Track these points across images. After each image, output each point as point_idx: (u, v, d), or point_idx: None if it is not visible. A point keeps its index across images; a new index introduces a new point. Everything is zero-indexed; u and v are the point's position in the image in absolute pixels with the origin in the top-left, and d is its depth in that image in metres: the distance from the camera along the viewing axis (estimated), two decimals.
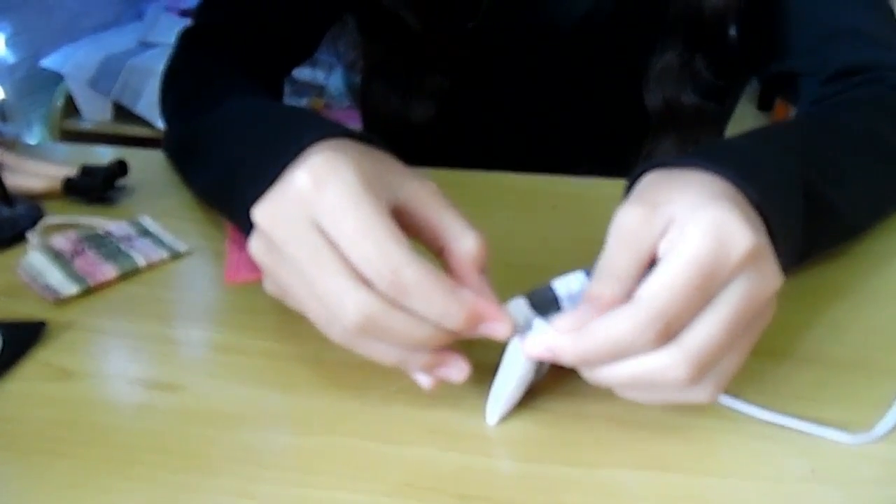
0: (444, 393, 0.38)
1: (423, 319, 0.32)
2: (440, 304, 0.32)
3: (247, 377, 0.40)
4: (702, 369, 0.31)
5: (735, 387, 0.38)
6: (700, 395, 0.33)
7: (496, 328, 0.34)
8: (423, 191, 0.36)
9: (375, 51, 0.73)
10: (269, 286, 0.37)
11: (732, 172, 0.35)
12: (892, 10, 0.62)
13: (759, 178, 0.36)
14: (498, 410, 0.36)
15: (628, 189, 0.39)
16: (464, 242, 0.35)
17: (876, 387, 0.39)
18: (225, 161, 0.47)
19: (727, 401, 0.37)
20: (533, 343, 0.33)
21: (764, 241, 0.33)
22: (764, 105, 2.35)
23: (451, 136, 0.69)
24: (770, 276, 0.33)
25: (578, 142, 0.73)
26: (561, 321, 0.33)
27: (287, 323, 0.43)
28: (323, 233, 0.32)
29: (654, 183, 0.37)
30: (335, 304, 0.32)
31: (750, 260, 0.32)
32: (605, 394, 0.38)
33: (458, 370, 0.35)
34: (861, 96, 0.56)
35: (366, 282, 0.32)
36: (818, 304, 0.46)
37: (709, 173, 0.36)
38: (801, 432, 0.36)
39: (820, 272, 0.48)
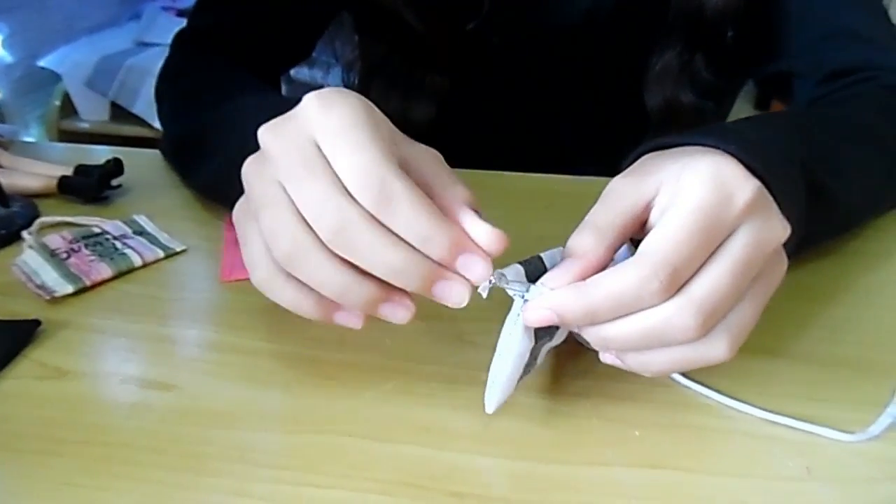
0: (439, 391, 0.38)
1: (399, 241, 0.31)
2: (425, 223, 0.31)
3: (242, 376, 0.40)
4: (709, 318, 0.31)
5: (732, 385, 0.39)
6: (714, 350, 0.32)
7: (474, 265, 0.32)
8: (426, 153, 0.35)
9: (375, 50, 0.73)
10: (238, 210, 0.37)
11: (735, 148, 0.35)
12: (886, 11, 0.63)
13: (761, 155, 0.35)
14: (496, 397, 0.35)
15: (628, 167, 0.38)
16: (456, 189, 0.34)
17: (873, 385, 0.39)
18: (230, 150, 0.47)
19: (723, 399, 0.37)
20: (534, 308, 0.32)
21: (765, 191, 0.33)
22: (761, 105, 2.36)
23: (451, 136, 0.69)
24: (775, 224, 0.33)
25: (577, 141, 0.73)
26: (547, 278, 0.32)
27: (282, 322, 0.43)
28: (320, 150, 0.32)
29: (649, 158, 0.37)
30: (314, 208, 0.31)
31: (753, 207, 0.32)
32: (599, 392, 0.38)
33: (403, 308, 0.33)
34: (855, 93, 0.57)
35: (351, 195, 0.31)
36: (815, 304, 0.46)
37: (709, 149, 0.35)
38: (797, 430, 0.36)
39: (817, 271, 0.48)
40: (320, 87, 0.36)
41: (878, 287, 0.48)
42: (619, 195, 0.34)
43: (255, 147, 0.43)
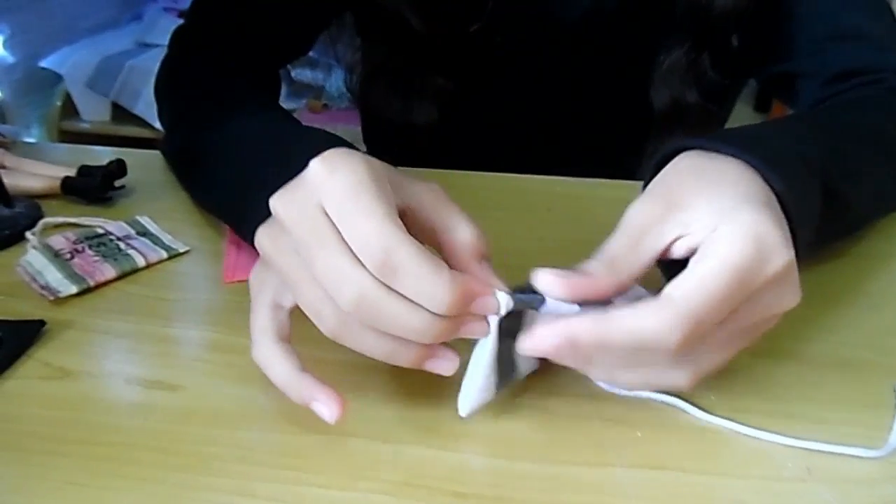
0: (441, 392, 0.38)
1: (416, 306, 0.32)
2: (429, 283, 0.31)
3: (245, 376, 0.40)
4: (701, 372, 0.32)
5: (736, 388, 0.39)
6: (678, 379, 0.33)
7: (484, 306, 0.33)
8: (428, 193, 0.36)
9: (376, 52, 0.72)
10: (254, 278, 0.38)
11: (758, 160, 0.35)
12: (892, 13, 0.63)
13: (782, 168, 0.35)
14: (469, 401, 0.36)
15: (653, 173, 0.38)
16: (460, 232, 0.35)
17: (876, 387, 0.39)
18: (235, 178, 0.47)
19: (751, 431, 0.36)
20: (548, 335, 0.32)
21: (794, 259, 0.33)
22: (761, 106, 2.36)
23: (453, 138, 0.69)
24: (791, 294, 0.33)
25: (580, 142, 0.73)
26: (546, 278, 0.33)
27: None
28: (328, 216, 0.32)
29: (676, 175, 0.36)
30: (332, 282, 0.32)
31: (781, 277, 0.32)
32: (601, 394, 0.38)
33: (448, 362, 0.35)
34: (862, 96, 0.57)
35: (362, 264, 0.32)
36: (819, 306, 0.46)
37: (732, 160, 0.35)
38: (799, 430, 0.36)
39: (821, 274, 0.48)
40: (321, 88, 0.36)
41: (882, 289, 0.49)
42: (642, 229, 0.34)
43: (253, 176, 0.43)
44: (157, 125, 0.66)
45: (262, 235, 0.36)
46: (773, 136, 0.42)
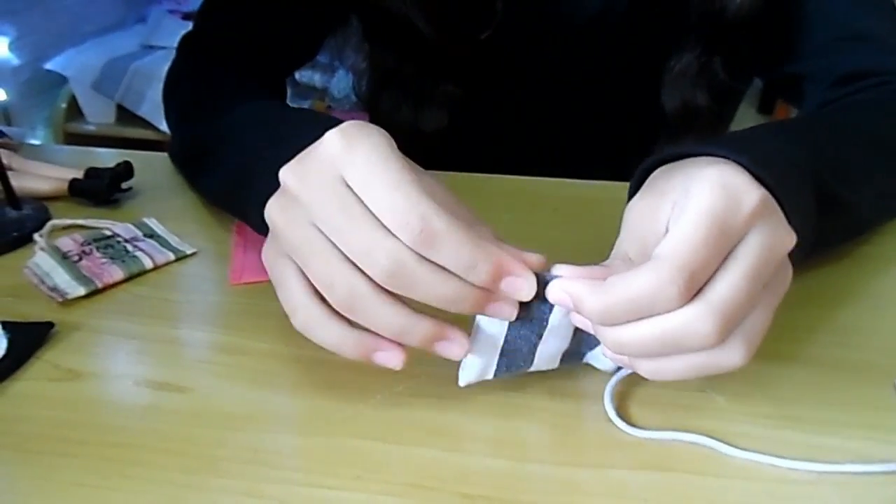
0: (448, 394, 0.38)
1: (449, 275, 0.32)
2: (468, 254, 0.32)
3: (253, 378, 0.40)
4: (728, 324, 0.31)
5: (744, 391, 0.39)
6: (731, 357, 0.32)
7: (519, 284, 0.33)
8: (439, 184, 0.36)
9: (385, 59, 0.72)
10: (268, 254, 0.37)
11: (745, 159, 0.35)
12: None
13: (771, 167, 0.35)
14: (469, 373, 0.36)
15: (638, 182, 0.39)
16: (481, 224, 0.36)
17: (881, 389, 0.39)
18: (239, 161, 0.47)
19: (784, 462, 0.35)
20: (554, 287, 0.33)
21: (772, 200, 0.33)
22: (764, 108, 2.36)
23: (462, 143, 0.69)
24: (783, 232, 0.33)
25: (589, 145, 0.73)
26: (567, 268, 0.33)
27: (292, 325, 0.43)
28: (351, 189, 0.32)
29: (662, 174, 0.37)
30: (364, 252, 0.32)
31: (761, 212, 0.32)
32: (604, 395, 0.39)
33: (458, 345, 0.35)
34: (867, 99, 0.57)
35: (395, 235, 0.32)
36: (823, 309, 0.46)
37: (720, 160, 0.35)
38: (807, 433, 0.36)
39: (824, 276, 0.48)
40: (324, 90, 0.36)
41: (886, 291, 0.49)
42: (639, 222, 0.35)
43: (254, 159, 0.43)
44: (163, 127, 0.66)
45: (272, 207, 0.35)
46: (760, 140, 0.42)
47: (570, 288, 0.33)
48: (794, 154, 0.41)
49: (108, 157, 0.68)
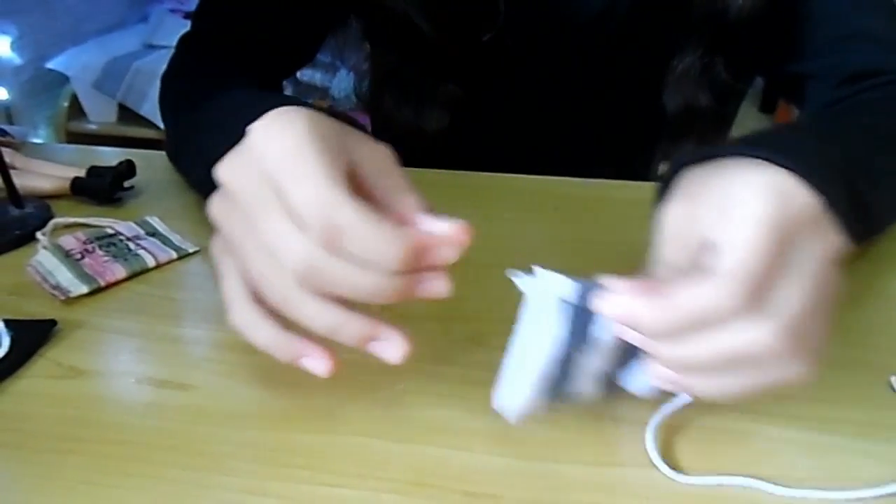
0: (452, 392, 0.38)
1: (364, 267, 0.31)
2: (375, 241, 0.30)
3: (255, 376, 0.40)
4: (797, 338, 0.29)
5: None
6: (798, 369, 0.30)
7: (443, 252, 0.32)
8: (378, 153, 0.35)
9: (387, 59, 0.72)
10: (215, 247, 0.37)
11: (791, 161, 0.33)
12: None
13: (817, 169, 0.34)
14: (519, 399, 0.33)
15: (666, 183, 0.37)
16: (408, 197, 0.34)
17: (879, 387, 0.39)
18: (210, 149, 0.47)
19: (824, 494, 0.34)
20: (610, 301, 0.31)
21: (821, 205, 0.32)
22: (766, 107, 2.35)
23: (464, 143, 0.69)
24: (833, 235, 0.32)
25: (590, 145, 0.73)
26: (617, 281, 0.31)
27: (295, 323, 0.43)
28: (270, 181, 0.32)
29: (698, 177, 0.35)
30: (276, 249, 0.31)
31: (815, 218, 0.31)
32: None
33: (395, 347, 0.33)
34: (876, 99, 0.56)
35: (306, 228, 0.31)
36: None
37: (761, 162, 0.33)
38: (805, 431, 0.36)
39: None
40: (325, 90, 0.36)
41: (885, 290, 0.49)
42: (679, 229, 0.33)
43: (212, 147, 0.42)
44: (164, 126, 0.66)
45: (214, 202, 0.35)
46: (793, 140, 0.40)
47: (627, 303, 0.30)
48: (828, 154, 0.40)
49: (110, 156, 0.68)
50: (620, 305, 0.31)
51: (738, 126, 0.77)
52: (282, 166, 0.31)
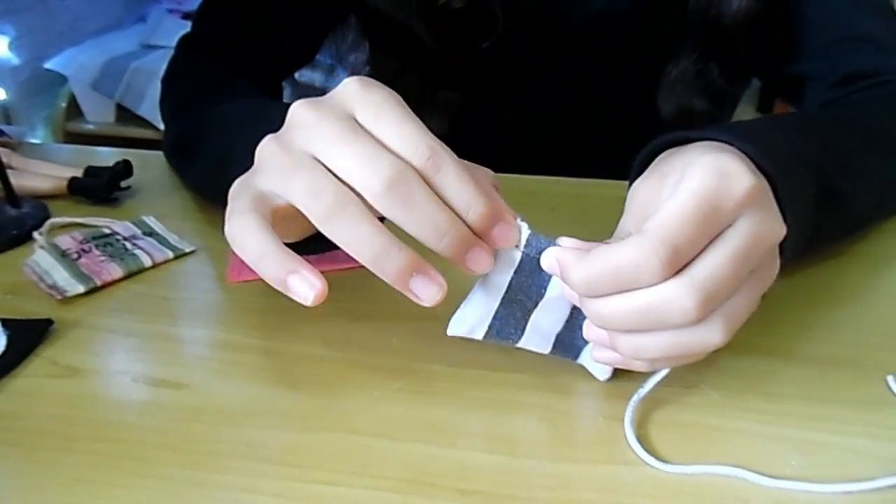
0: (447, 391, 0.38)
1: (444, 205, 0.32)
2: (471, 192, 0.32)
3: (250, 375, 0.40)
4: (709, 301, 0.31)
5: (738, 387, 0.39)
6: (710, 336, 0.32)
7: (507, 233, 0.34)
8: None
9: (388, 66, 0.72)
10: (236, 184, 0.36)
11: (749, 147, 0.35)
12: None
13: (775, 157, 0.35)
14: (460, 325, 0.36)
15: (642, 164, 0.39)
16: (481, 170, 0.37)
17: (873, 386, 0.39)
18: (214, 152, 0.47)
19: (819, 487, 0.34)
20: (548, 254, 0.34)
21: (766, 186, 0.33)
22: (763, 107, 2.36)
23: (462, 147, 0.70)
24: (773, 221, 0.33)
25: (586, 147, 0.73)
26: (568, 240, 0.34)
27: (290, 322, 0.43)
28: (362, 117, 0.33)
29: (666, 158, 0.37)
30: (368, 162, 0.31)
31: (753, 198, 0.32)
32: (604, 392, 0.39)
33: (435, 288, 0.33)
34: (869, 97, 0.57)
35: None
36: (817, 305, 0.46)
37: (723, 145, 0.36)
38: (798, 429, 0.36)
39: (818, 273, 0.49)
40: (323, 91, 0.36)
41: (880, 288, 0.49)
42: (640, 203, 0.35)
43: (239, 150, 0.43)
44: (161, 126, 0.66)
45: (266, 142, 0.35)
46: (767, 130, 0.42)
47: (560, 255, 0.33)
48: (800, 147, 0.41)
49: (107, 156, 0.68)
50: (553, 257, 0.34)
51: None
52: (382, 108, 0.33)
